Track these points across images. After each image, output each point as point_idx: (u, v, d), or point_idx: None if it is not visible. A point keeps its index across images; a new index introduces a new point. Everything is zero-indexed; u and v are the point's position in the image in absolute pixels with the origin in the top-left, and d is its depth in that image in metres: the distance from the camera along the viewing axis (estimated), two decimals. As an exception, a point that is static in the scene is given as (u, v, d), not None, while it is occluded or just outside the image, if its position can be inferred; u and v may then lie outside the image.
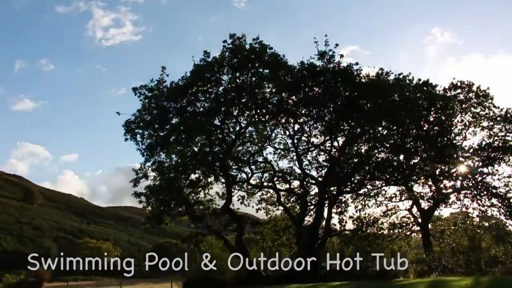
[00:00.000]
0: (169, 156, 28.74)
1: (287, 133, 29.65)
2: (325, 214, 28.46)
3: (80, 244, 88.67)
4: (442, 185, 31.83)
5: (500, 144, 31.98)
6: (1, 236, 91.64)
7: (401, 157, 27.27)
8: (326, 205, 28.55)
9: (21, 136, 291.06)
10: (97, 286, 54.29)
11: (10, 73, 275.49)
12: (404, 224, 34.49)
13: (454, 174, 30.42)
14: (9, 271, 41.13)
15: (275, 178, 29.95)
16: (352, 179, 28.71)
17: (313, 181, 29.69)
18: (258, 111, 27.29)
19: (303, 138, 29.35)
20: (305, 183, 29.53)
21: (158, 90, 27.11)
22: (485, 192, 31.58)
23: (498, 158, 31.70)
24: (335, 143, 28.79)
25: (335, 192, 28.94)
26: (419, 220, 33.70)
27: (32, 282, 34.15)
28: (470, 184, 32.21)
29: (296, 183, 30.48)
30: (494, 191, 31.30)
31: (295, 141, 29.10)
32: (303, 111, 27.43)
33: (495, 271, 21.05)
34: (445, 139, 26.93)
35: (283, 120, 28.48)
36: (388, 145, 27.01)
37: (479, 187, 31.78)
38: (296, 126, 28.81)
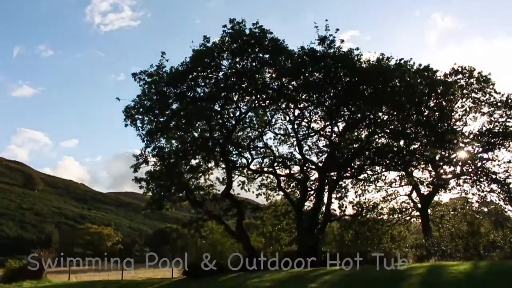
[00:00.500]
0: (169, 141, 28.77)
1: (287, 118, 29.66)
2: (325, 199, 28.61)
3: (81, 229, 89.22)
4: (442, 171, 31.95)
5: (501, 130, 32.03)
6: (3, 222, 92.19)
7: (401, 142, 27.27)
8: (326, 190, 28.65)
9: (21, 122, 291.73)
10: (99, 270, 54.55)
11: (9, 59, 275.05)
12: (403, 209, 34.69)
13: (454, 160, 30.49)
14: (11, 257, 41.30)
15: (275, 164, 29.98)
16: (352, 164, 28.73)
17: (313, 167, 29.74)
18: (258, 96, 27.20)
19: (303, 123, 29.35)
20: (305, 168, 29.59)
21: (157, 75, 27.01)
22: (484, 178, 31.71)
23: (498, 144, 31.78)
24: (335, 129, 28.80)
25: (335, 178, 29.00)
26: (419, 206, 33.89)
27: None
28: (470, 170, 32.33)
29: (296, 169, 30.59)
30: (493, 176, 31.43)
31: (295, 126, 29.10)
32: (303, 96, 27.34)
33: (493, 256, 21.19)
34: (446, 124, 26.91)
35: (283, 106, 28.43)
36: (388, 131, 27.00)
37: (479, 172, 31.91)
38: (296, 112, 28.79)
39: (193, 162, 28.38)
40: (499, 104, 32.59)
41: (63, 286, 29.36)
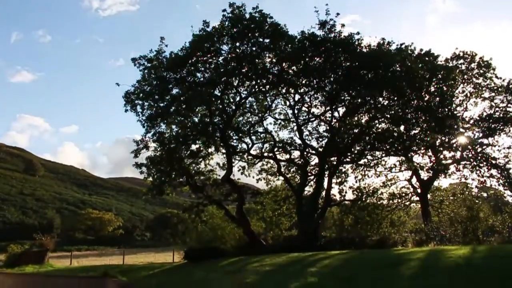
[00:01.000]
0: (170, 126, 28.77)
1: (288, 103, 29.63)
2: (325, 184, 28.72)
3: (82, 214, 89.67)
4: (442, 156, 31.96)
5: (501, 115, 32.02)
6: (4, 207, 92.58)
7: (402, 127, 27.25)
8: (326, 175, 28.74)
9: (20, 108, 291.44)
10: (100, 255, 55.03)
11: (7, 45, 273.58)
12: (403, 194, 34.79)
13: (454, 145, 30.48)
14: (14, 242, 41.63)
15: (276, 149, 30.03)
16: (352, 149, 28.77)
17: (314, 152, 29.79)
18: (259, 81, 27.11)
19: (304, 108, 29.32)
20: (305, 153, 29.64)
21: (157, 60, 26.89)
22: (484, 163, 31.74)
23: (498, 129, 31.78)
24: (336, 114, 28.78)
25: (335, 163, 29.07)
26: (419, 191, 33.99)
27: (37, 252, 34.54)
28: (470, 155, 32.36)
29: (296, 154, 30.66)
30: (493, 162, 31.46)
31: (296, 111, 29.08)
32: (303, 81, 27.25)
33: (492, 241, 21.30)
34: (446, 110, 26.85)
35: (284, 90, 28.37)
36: (388, 116, 26.95)
37: (479, 158, 31.93)
38: (297, 97, 28.74)
39: (193, 147, 28.47)
40: (500, 89, 32.54)
41: (65, 271, 29.60)
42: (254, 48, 25.92)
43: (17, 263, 30.96)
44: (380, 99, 26.94)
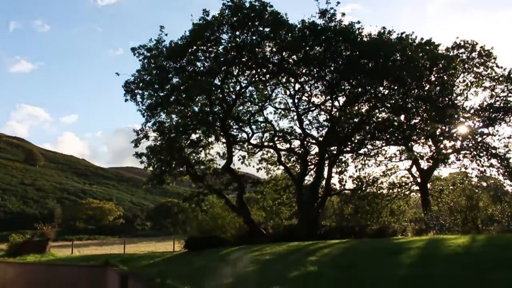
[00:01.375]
0: (170, 116, 28.78)
1: (288, 92, 29.57)
2: (325, 173, 28.76)
3: (83, 204, 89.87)
4: (442, 145, 31.93)
5: (502, 105, 31.93)
6: (5, 197, 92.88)
7: (402, 117, 27.23)
8: (326, 164, 28.76)
9: (20, 98, 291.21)
10: (101, 245, 55.27)
11: (5, 34, 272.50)
12: (403, 184, 34.85)
13: (455, 135, 30.45)
14: (15, 231, 41.85)
15: (276, 138, 30.02)
16: (353, 139, 28.77)
17: (314, 141, 29.78)
18: (259, 70, 27.03)
19: (304, 97, 29.27)
20: (305, 142, 29.63)
21: (157, 50, 26.79)
22: (484, 153, 31.73)
23: (499, 119, 31.70)
24: (336, 103, 28.71)
25: (335, 152, 29.09)
26: (418, 180, 34.03)
27: (38, 241, 34.77)
28: (470, 145, 32.33)
29: (296, 143, 30.65)
30: (493, 151, 31.44)
31: (296, 100, 29.02)
32: (303, 71, 27.16)
33: (491, 230, 21.34)
34: (447, 99, 26.79)
35: (284, 80, 28.31)
36: (389, 105, 26.91)
37: (479, 147, 31.91)
38: (297, 86, 28.66)
39: (194, 136, 28.53)
40: (500, 78, 32.42)
41: (67, 260, 29.77)
42: (254, 37, 25.81)
43: (19, 252, 31.20)
44: (381, 88, 26.88)
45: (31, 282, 24.99)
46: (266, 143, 30.73)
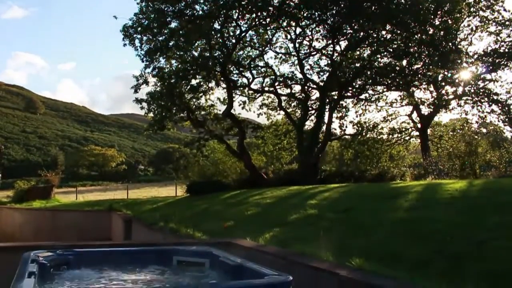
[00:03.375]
0: (169, 61, 28.39)
1: (289, 37, 29.02)
2: (326, 118, 28.71)
3: (85, 151, 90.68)
4: (443, 91, 31.68)
5: (506, 50, 31.31)
6: (8, 145, 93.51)
7: (404, 62, 26.88)
8: (327, 109, 28.67)
9: (15, 45, 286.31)
10: (104, 190, 56.26)
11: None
12: (403, 129, 34.83)
13: (457, 80, 30.14)
14: (20, 178, 42.45)
15: (276, 83, 29.74)
16: (354, 84, 28.55)
17: (314, 86, 29.56)
18: (259, 14, 26.42)
19: (305, 42, 28.77)
20: (306, 87, 29.43)
21: (154, -9, 26.07)
22: (486, 99, 31.50)
23: (502, 64, 31.21)
24: (337, 48, 28.29)
25: (336, 97, 28.92)
26: (419, 126, 34.01)
27: (43, 187, 35.39)
28: (472, 91, 32.06)
29: (297, 88, 30.37)
30: (495, 97, 31.21)
31: (297, 45, 28.54)
32: (305, 14, 26.56)
33: (489, 175, 21.61)
34: (450, 44, 26.28)
35: (285, 24, 27.72)
36: (391, 50, 26.49)
37: (481, 93, 31.65)
38: (298, 30, 28.10)
39: (194, 82, 28.21)
40: (507, 23, 31.57)
41: (72, 205, 30.44)
42: (254, -21, 25.04)
43: (25, 198, 31.83)
44: (383, 32, 26.37)
45: (39, 227, 25.66)
46: (266, 88, 30.50)
